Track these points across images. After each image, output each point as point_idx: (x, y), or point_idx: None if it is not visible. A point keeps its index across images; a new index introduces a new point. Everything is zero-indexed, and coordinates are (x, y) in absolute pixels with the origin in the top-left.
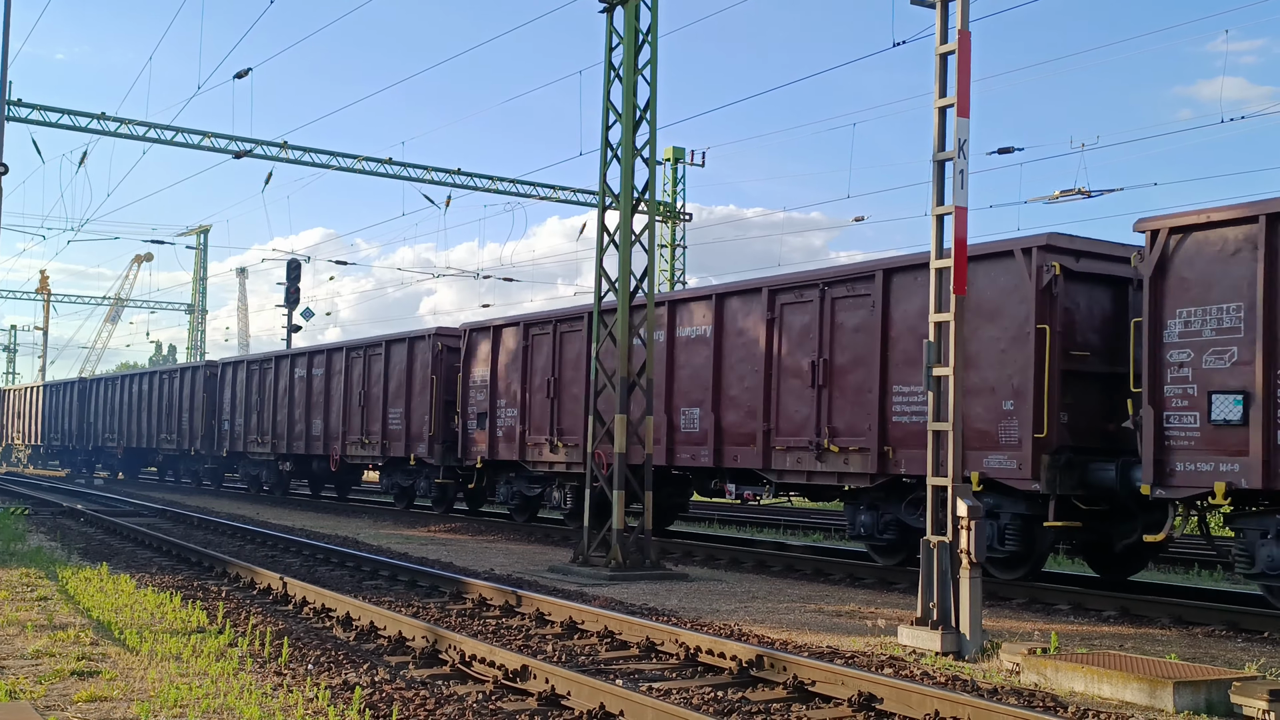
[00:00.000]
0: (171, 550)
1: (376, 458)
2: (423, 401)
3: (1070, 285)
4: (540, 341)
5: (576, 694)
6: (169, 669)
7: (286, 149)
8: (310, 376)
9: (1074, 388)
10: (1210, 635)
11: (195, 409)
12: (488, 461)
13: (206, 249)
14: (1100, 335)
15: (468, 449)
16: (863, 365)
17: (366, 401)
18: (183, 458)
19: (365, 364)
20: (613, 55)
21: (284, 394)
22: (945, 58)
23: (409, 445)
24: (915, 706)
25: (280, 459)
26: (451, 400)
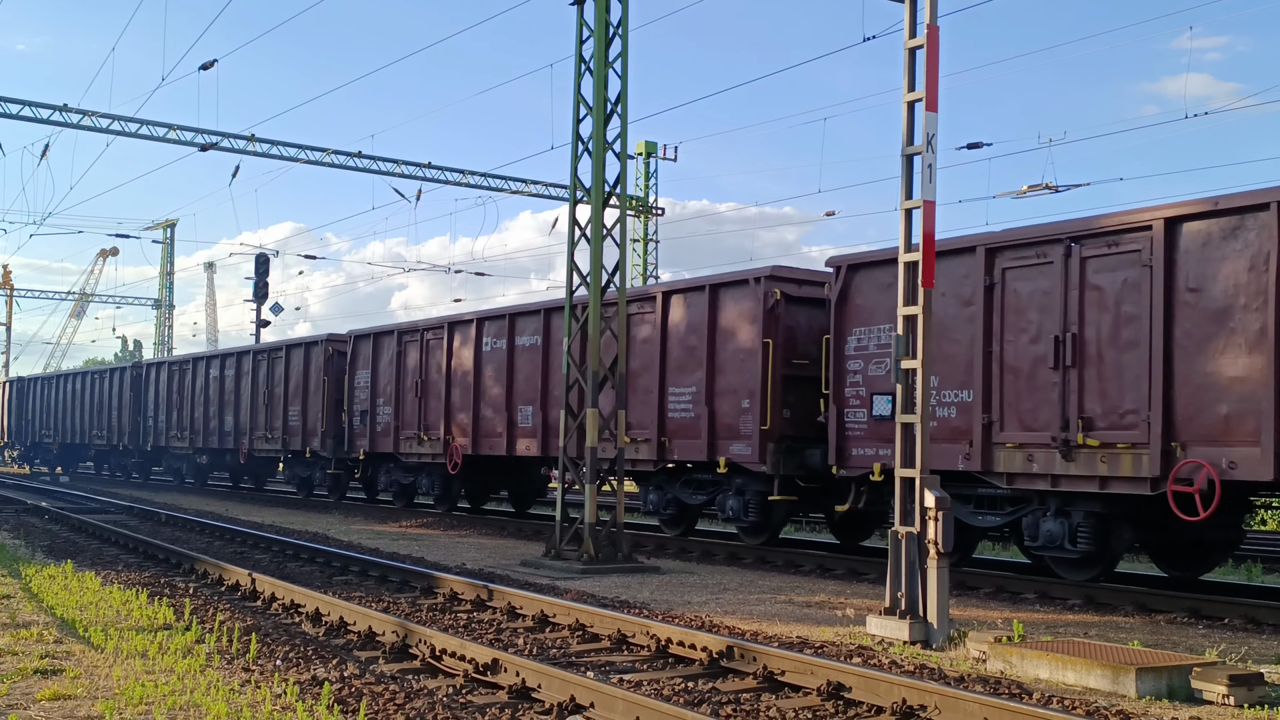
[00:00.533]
0: (138, 547)
1: (279, 451)
2: (316, 401)
3: (791, 307)
4: (410, 348)
5: (547, 686)
6: (134, 666)
7: (254, 142)
8: (223, 377)
9: (795, 389)
10: (1172, 622)
11: (123, 407)
12: (369, 454)
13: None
14: (816, 347)
15: (353, 443)
16: (647, 371)
17: (270, 400)
18: (112, 452)
19: (269, 366)
20: (583, 48)
21: (200, 393)
22: (914, 52)
23: (305, 440)
24: (883, 695)
25: (198, 453)
26: (340, 399)
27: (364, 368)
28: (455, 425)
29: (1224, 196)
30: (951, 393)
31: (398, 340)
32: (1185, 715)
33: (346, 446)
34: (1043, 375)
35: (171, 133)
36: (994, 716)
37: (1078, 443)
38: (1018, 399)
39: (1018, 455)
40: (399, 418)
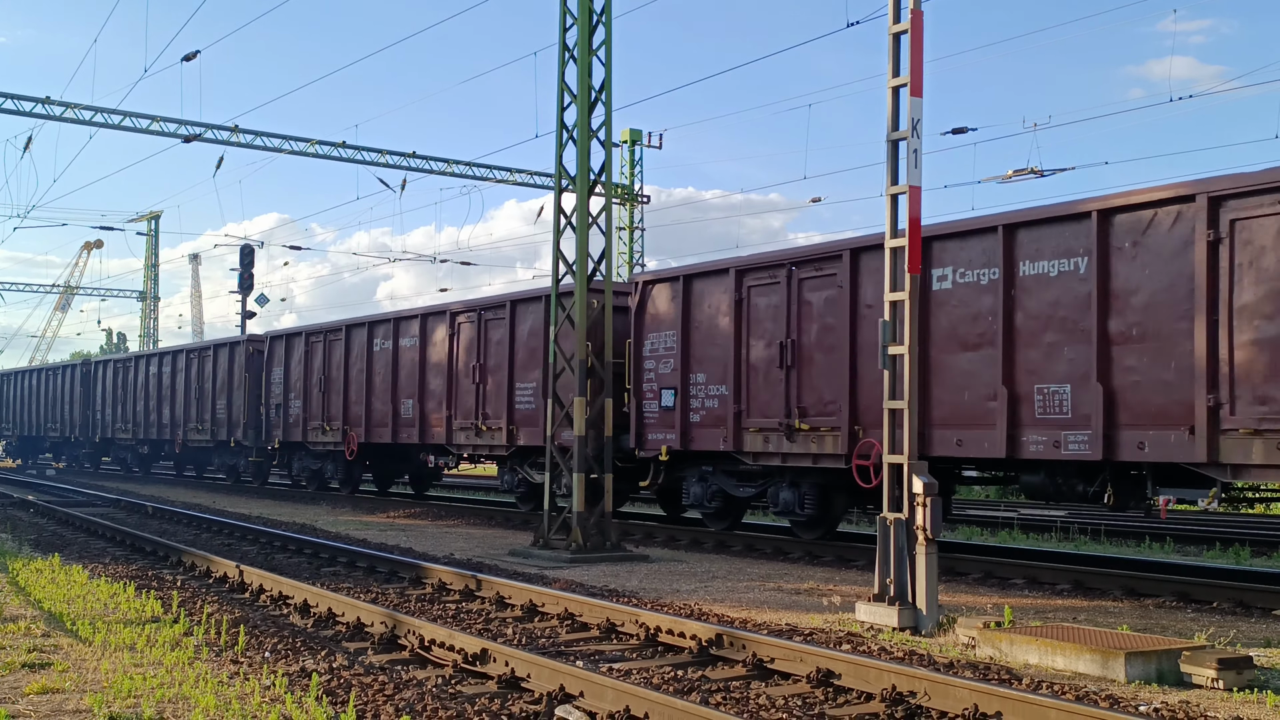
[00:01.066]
0: (125, 540)
1: (209, 441)
2: (239, 395)
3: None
4: (316, 348)
5: (536, 676)
6: (123, 659)
7: (238, 133)
8: (160, 374)
9: None
10: (1161, 606)
11: (74, 401)
12: (284, 443)
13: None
14: None
15: (269, 433)
16: (501, 369)
17: (200, 395)
18: (65, 444)
19: (199, 364)
20: (567, 36)
21: (141, 388)
22: (898, 37)
23: (230, 431)
24: (873, 681)
25: (140, 443)
26: (260, 394)
27: (278, 365)
28: (351, 417)
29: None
30: (716, 387)
31: (305, 341)
32: (1174, 699)
33: (264, 436)
34: (774, 373)
35: (155, 124)
36: (983, 702)
37: (796, 427)
38: (758, 392)
39: (759, 437)
40: (306, 410)
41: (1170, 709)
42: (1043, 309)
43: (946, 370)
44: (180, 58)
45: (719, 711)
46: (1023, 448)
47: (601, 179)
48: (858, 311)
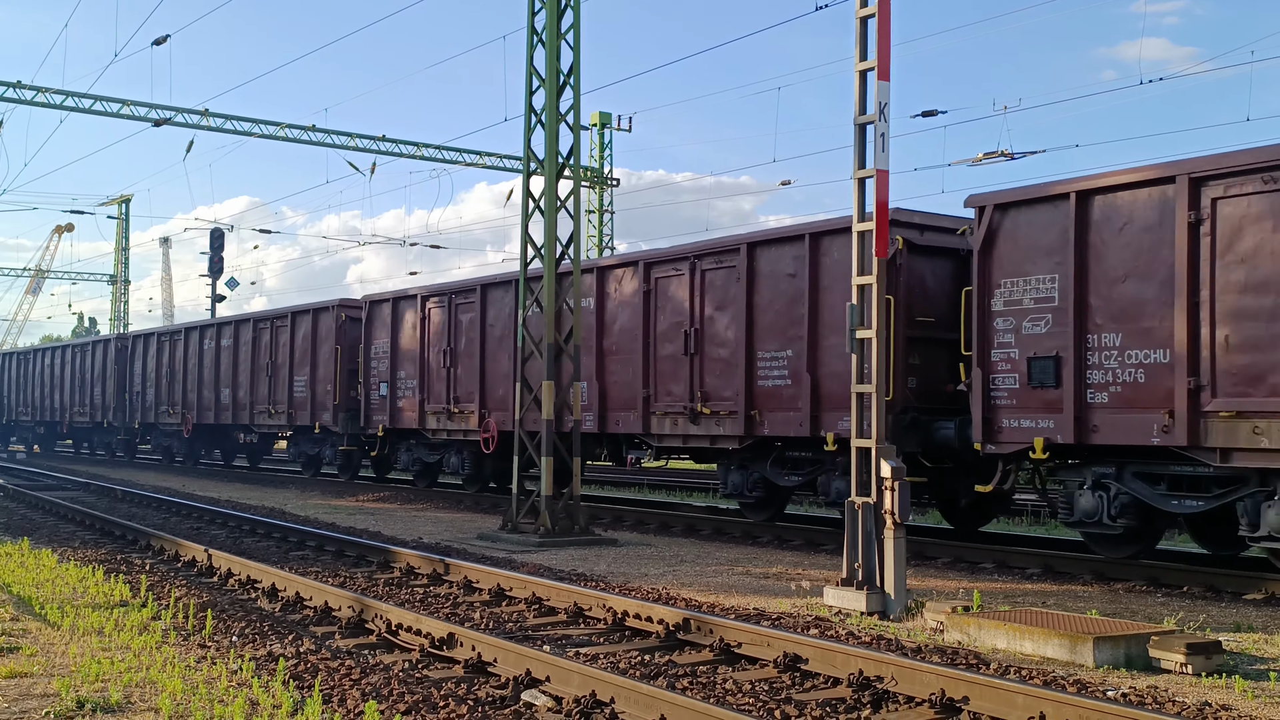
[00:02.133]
0: (95, 524)
1: (87, 424)
2: (111, 383)
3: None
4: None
5: (503, 660)
6: (91, 643)
7: (208, 116)
8: (105, 360)
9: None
10: (1131, 591)
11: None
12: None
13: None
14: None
15: (132, 416)
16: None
17: (82, 383)
18: (96, 429)
19: (93, 358)
20: (535, 20)
21: (87, 373)
22: (865, 21)
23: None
24: (840, 666)
25: (95, 426)
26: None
27: (148, 361)
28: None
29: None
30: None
31: (181, 339)
32: (1143, 684)
33: (131, 420)
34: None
35: (125, 108)
36: (950, 687)
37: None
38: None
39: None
40: (157, 394)
41: (1138, 694)
42: None
43: None
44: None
45: (685, 696)
46: None
47: (570, 162)
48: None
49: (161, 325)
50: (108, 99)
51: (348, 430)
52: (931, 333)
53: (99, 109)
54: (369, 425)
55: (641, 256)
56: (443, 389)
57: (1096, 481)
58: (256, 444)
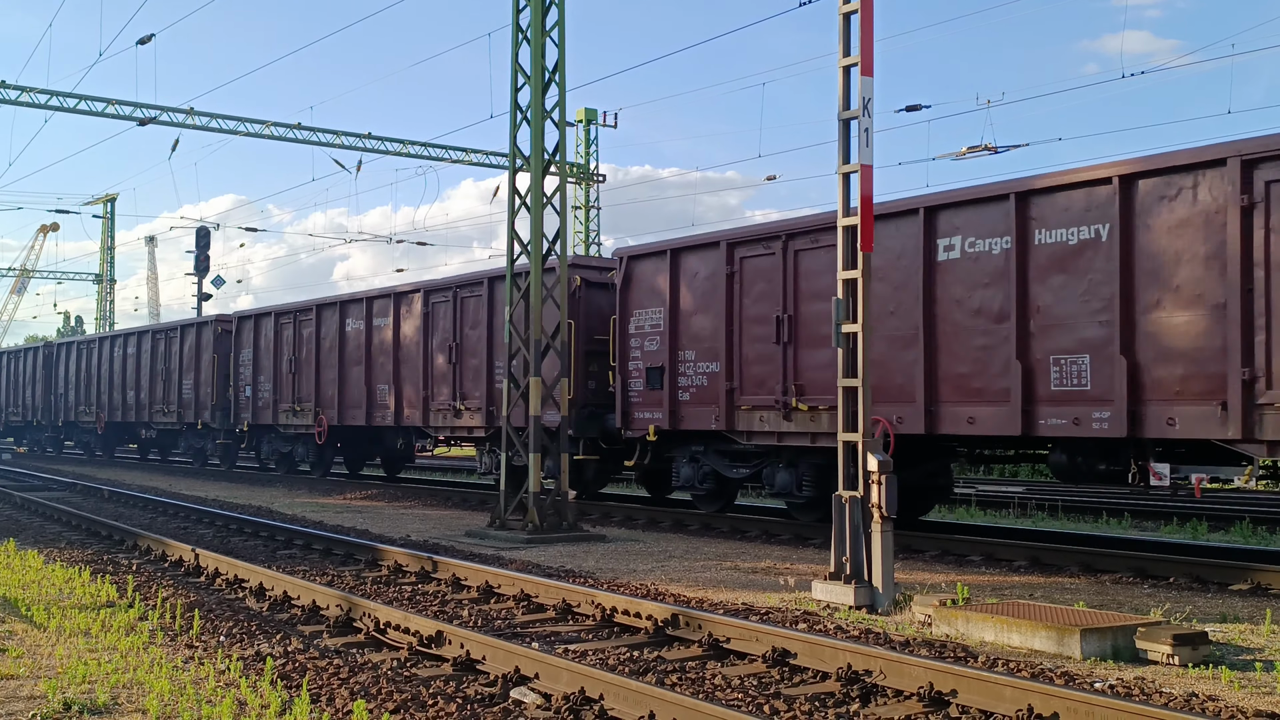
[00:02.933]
0: (81, 524)
1: (20, 422)
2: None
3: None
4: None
5: (492, 658)
6: (77, 644)
7: (193, 115)
8: (35, 366)
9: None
10: (1118, 582)
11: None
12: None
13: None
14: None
15: (58, 415)
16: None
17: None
18: (27, 428)
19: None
20: (520, 17)
21: (20, 376)
22: (848, 17)
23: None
24: (828, 660)
25: (27, 424)
26: (51, 386)
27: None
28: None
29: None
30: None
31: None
32: (1130, 675)
33: (60, 418)
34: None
35: (110, 107)
36: (938, 680)
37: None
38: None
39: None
40: (276, 393)
41: (1125, 685)
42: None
43: None
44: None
45: (674, 692)
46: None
47: (556, 159)
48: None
49: (82, 335)
50: (93, 98)
51: (223, 426)
52: (603, 348)
53: (84, 108)
54: (238, 421)
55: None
56: (289, 391)
57: (691, 456)
58: (156, 438)
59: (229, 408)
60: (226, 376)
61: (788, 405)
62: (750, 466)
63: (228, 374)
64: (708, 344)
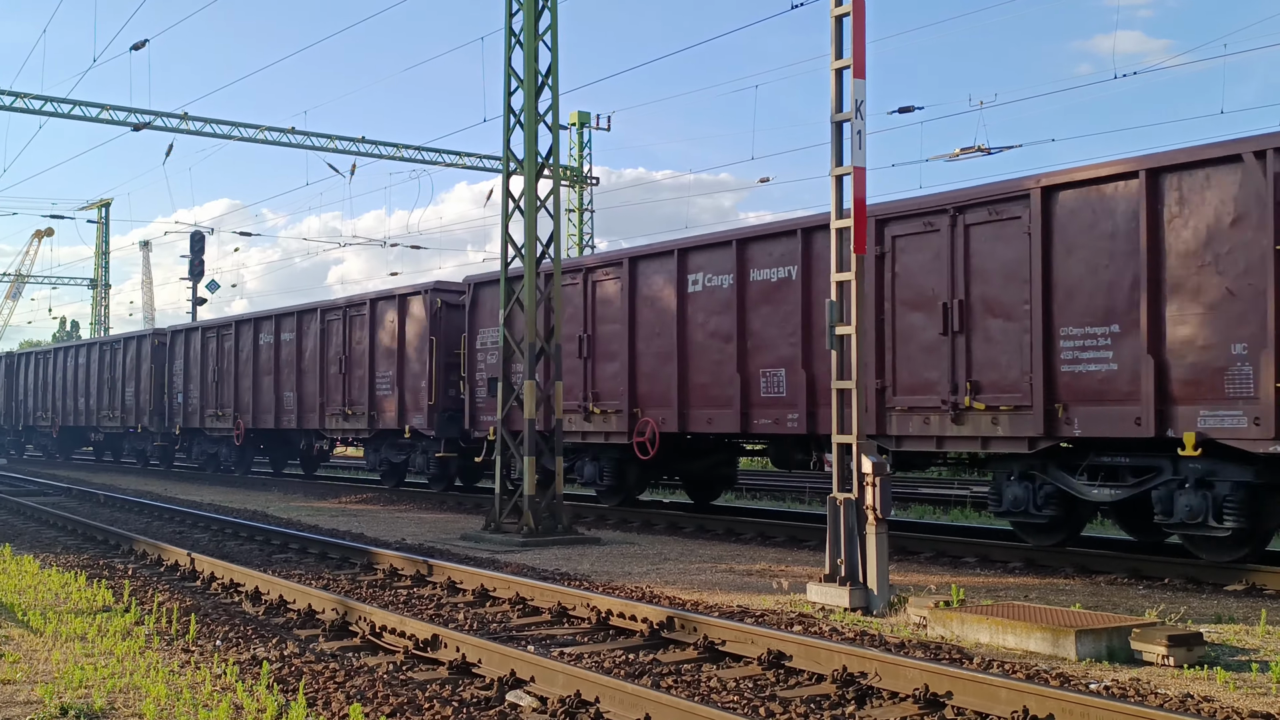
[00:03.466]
0: (77, 529)
1: (49, 426)
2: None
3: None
4: (210, 342)
5: (487, 661)
6: (74, 649)
7: (187, 120)
8: (14, 374)
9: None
10: (1113, 583)
11: None
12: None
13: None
14: None
15: (22, 420)
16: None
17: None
18: None
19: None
20: (513, 21)
21: None
22: (840, 20)
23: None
24: (823, 663)
25: (13, 430)
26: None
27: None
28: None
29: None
30: None
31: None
32: (1125, 677)
33: (20, 423)
34: None
35: (104, 113)
36: (934, 682)
37: None
38: None
39: None
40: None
41: (1120, 686)
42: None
43: None
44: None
45: (670, 695)
46: None
47: (549, 162)
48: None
49: (39, 346)
50: (87, 103)
51: (159, 429)
52: (458, 360)
53: (78, 113)
54: (172, 425)
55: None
56: (213, 397)
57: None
58: (104, 441)
59: (164, 413)
60: (163, 385)
61: (587, 410)
62: (568, 460)
63: (164, 383)
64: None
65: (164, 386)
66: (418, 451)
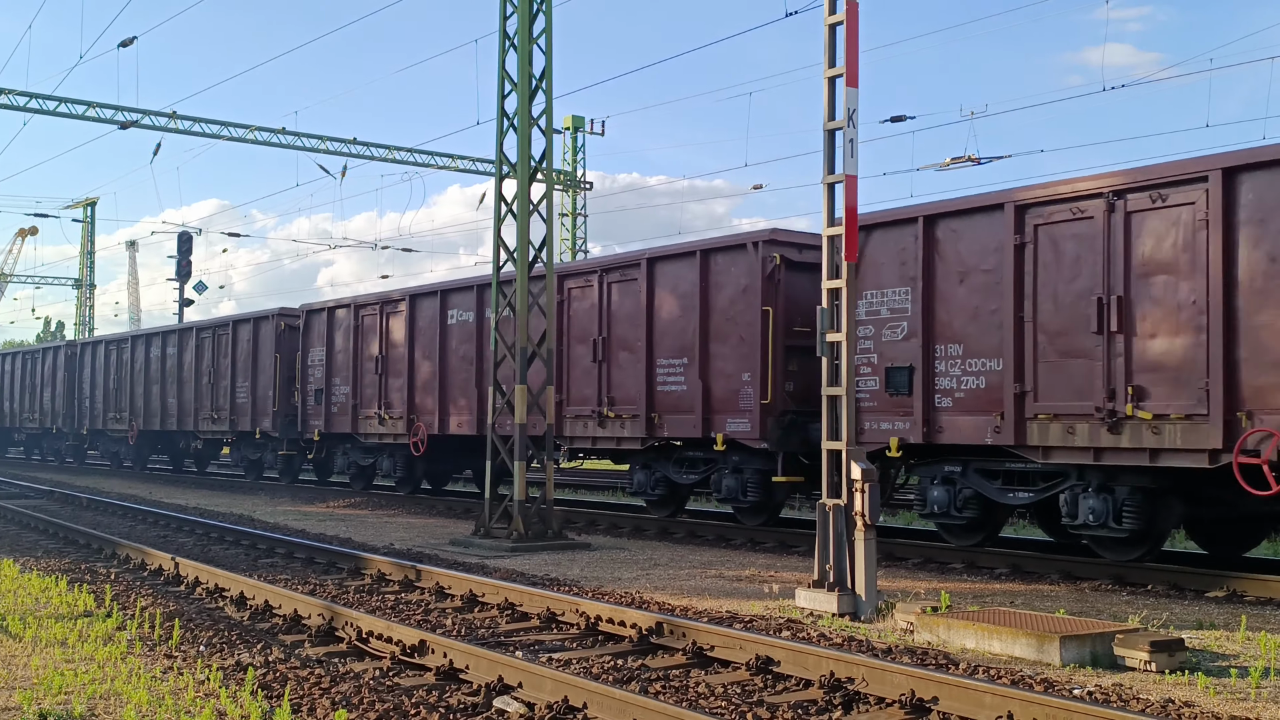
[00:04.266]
0: (58, 532)
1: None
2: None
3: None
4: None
5: (475, 667)
6: (54, 655)
7: (175, 119)
8: None
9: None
10: (1097, 589)
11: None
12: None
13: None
14: None
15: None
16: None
17: None
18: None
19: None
20: (507, 24)
21: None
22: (834, 28)
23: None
24: (811, 668)
25: None
26: None
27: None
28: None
29: None
30: None
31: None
32: (1108, 682)
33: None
34: None
35: (91, 110)
36: (920, 688)
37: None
38: None
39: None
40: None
41: (1104, 691)
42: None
43: None
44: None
45: (658, 701)
46: None
47: (543, 166)
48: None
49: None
50: (73, 101)
51: (71, 430)
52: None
53: (64, 111)
54: (81, 426)
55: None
56: (113, 402)
57: (343, 451)
58: (26, 440)
59: (74, 416)
60: (73, 391)
61: (381, 416)
62: (373, 455)
63: (73, 389)
64: (347, 372)
65: (74, 392)
66: (268, 450)
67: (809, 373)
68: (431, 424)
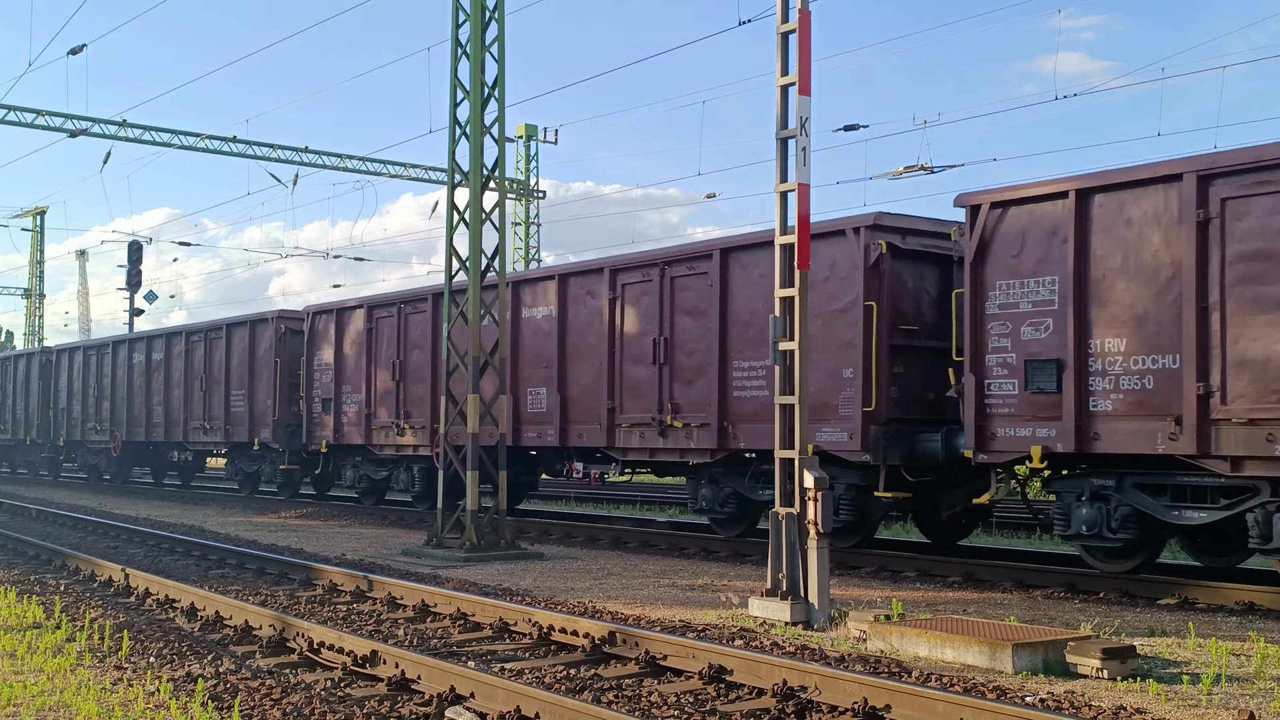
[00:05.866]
0: (6, 544)
1: None
2: None
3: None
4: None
5: (427, 677)
6: (2, 667)
7: (125, 127)
8: None
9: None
10: (1049, 597)
11: None
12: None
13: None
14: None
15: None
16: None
17: None
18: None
19: None
20: (460, 32)
21: None
22: (786, 37)
23: None
24: (764, 676)
25: None
26: None
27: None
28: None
29: None
30: None
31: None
32: (1060, 689)
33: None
34: None
35: (40, 118)
36: (873, 696)
37: None
38: None
39: None
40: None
41: (1056, 699)
42: None
43: None
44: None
45: (611, 710)
46: None
47: (495, 174)
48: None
49: None
50: (22, 109)
51: (47, 441)
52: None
53: (13, 119)
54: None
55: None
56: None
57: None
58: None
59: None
60: (49, 400)
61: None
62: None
63: (49, 398)
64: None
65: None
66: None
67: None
68: None
